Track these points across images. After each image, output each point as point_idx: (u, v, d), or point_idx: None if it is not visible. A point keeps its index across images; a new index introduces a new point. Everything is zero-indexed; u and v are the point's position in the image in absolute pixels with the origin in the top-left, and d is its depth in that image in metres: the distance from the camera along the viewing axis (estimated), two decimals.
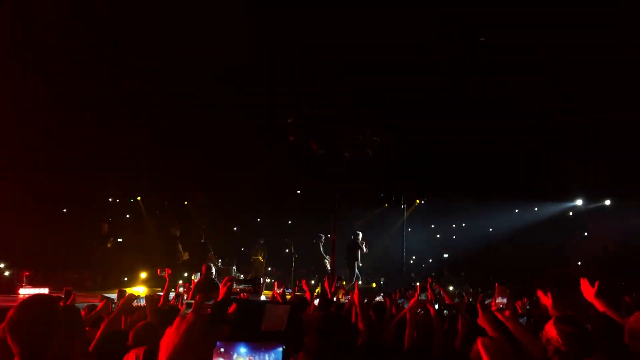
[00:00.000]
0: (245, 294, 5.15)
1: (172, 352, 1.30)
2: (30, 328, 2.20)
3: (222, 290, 4.14)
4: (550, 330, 3.20)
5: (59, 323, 2.36)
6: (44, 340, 2.22)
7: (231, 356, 1.70)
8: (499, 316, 3.51)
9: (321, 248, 15.62)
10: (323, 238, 15.41)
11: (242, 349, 1.72)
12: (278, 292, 7.63)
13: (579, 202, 21.20)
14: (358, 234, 15.38)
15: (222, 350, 1.68)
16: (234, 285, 5.53)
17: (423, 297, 7.22)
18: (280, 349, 1.78)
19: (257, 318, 1.76)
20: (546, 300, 4.31)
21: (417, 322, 4.70)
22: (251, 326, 1.75)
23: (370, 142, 12.89)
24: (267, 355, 1.76)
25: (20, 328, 2.19)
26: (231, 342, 1.71)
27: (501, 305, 3.59)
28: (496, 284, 3.68)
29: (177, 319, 1.34)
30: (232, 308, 1.54)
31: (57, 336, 2.30)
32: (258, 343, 1.75)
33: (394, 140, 14.91)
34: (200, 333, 1.32)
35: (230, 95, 14.29)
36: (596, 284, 4.26)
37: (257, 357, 1.75)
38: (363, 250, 15.18)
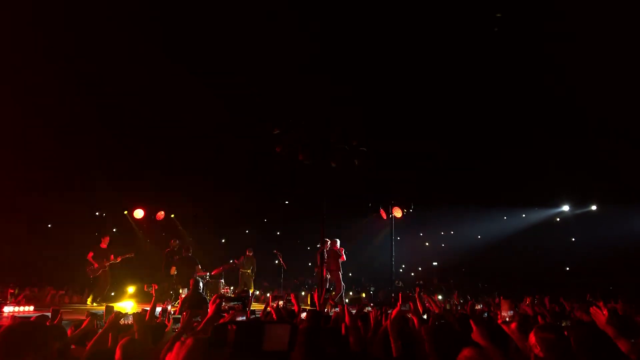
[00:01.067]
0: (233, 311, 5.12)
1: None
2: (20, 346, 2.28)
3: (211, 307, 4.11)
4: (532, 337, 3.31)
5: (46, 343, 2.45)
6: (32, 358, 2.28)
7: None
8: (505, 329, 3.51)
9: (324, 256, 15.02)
10: (329, 243, 14.78)
11: None
12: (273, 305, 7.57)
13: (566, 207, 21.37)
14: (336, 241, 14.99)
15: None
16: (223, 303, 5.49)
17: (405, 307, 7.19)
18: None
19: (257, 339, 1.73)
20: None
21: (401, 332, 4.65)
22: (252, 347, 1.71)
23: (356, 151, 12.89)
24: None
25: (9, 346, 2.27)
26: None
27: (507, 319, 3.60)
28: (501, 298, 3.69)
29: (177, 344, 1.33)
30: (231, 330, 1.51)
31: (45, 354, 2.38)
32: None
33: (381, 149, 14.94)
34: (200, 357, 1.31)
35: (217, 107, 14.26)
36: (605, 311, 4.25)
37: None
38: (343, 258, 14.75)
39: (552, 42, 11.72)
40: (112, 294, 16.67)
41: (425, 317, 7.18)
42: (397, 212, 16.44)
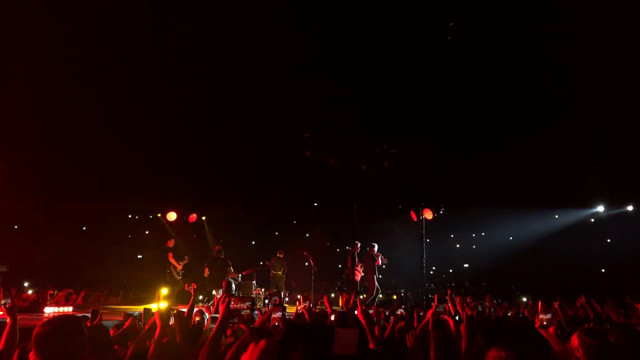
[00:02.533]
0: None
1: None
2: (58, 342, 2.26)
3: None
4: (574, 341, 3.32)
5: (84, 341, 2.45)
6: (69, 356, 2.29)
7: None
8: (543, 333, 3.52)
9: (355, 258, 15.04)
10: (359, 245, 14.84)
11: None
12: (305, 306, 7.63)
13: (600, 208, 20.91)
14: (373, 246, 15.14)
15: None
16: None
17: (440, 309, 7.15)
18: None
19: (328, 343, 1.77)
20: None
21: (439, 337, 4.65)
22: (323, 351, 1.76)
23: (386, 153, 12.87)
24: None
25: (47, 342, 2.25)
26: None
27: (545, 322, 3.59)
28: (540, 301, 3.67)
29: (252, 345, 1.38)
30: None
31: (82, 353, 2.38)
32: None
33: (412, 151, 14.88)
34: (272, 358, 1.35)
35: (246, 112, 14.44)
36: None
37: None
38: (378, 262, 14.87)
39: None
40: (143, 296, 17.05)
41: (457, 319, 7.15)
42: (428, 214, 16.37)
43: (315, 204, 22.81)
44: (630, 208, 20.07)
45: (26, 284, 15.59)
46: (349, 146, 12.47)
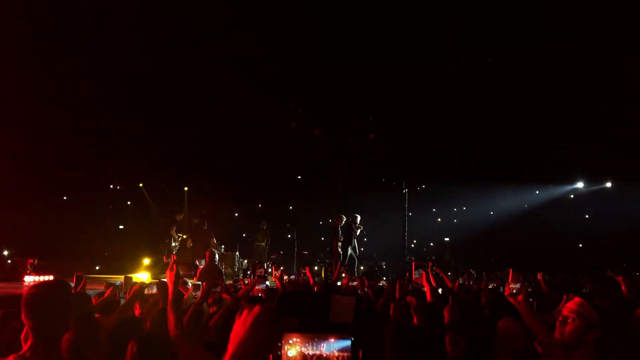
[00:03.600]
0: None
1: (240, 343, 1.32)
2: (47, 304, 2.33)
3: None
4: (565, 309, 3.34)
5: (72, 305, 2.53)
6: (57, 317, 2.36)
7: (301, 347, 1.74)
8: (512, 300, 3.57)
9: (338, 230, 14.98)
10: (344, 218, 14.82)
11: (312, 340, 1.75)
12: (277, 275, 7.70)
13: (580, 184, 21.22)
14: (356, 217, 15.08)
15: (291, 341, 1.73)
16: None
17: (417, 275, 7.26)
18: (350, 341, 1.78)
19: (324, 310, 1.77)
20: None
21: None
22: (319, 318, 1.75)
23: (371, 126, 12.85)
24: (337, 347, 1.78)
25: (37, 303, 2.31)
26: (301, 333, 1.73)
27: (514, 291, 3.64)
28: (510, 270, 3.70)
29: (245, 311, 1.37)
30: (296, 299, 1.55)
31: (70, 316, 2.47)
32: (327, 334, 1.77)
33: (396, 126, 14.86)
34: (267, 324, 1.34)
35: (230, 82, 14.21)
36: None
37: (326, 348, 1.77)
38: (356, 233, 14.74)
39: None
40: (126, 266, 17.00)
41: (440, 291, 7.28)
42: (411, 188, 16.48)
43: (299, 177, 22.79)
44: (608, 184, 20.42)
45: (6, 253, 15.43)
46: (334, 119, 12.43)
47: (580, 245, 22.16)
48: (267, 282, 8.87)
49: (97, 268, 15.94)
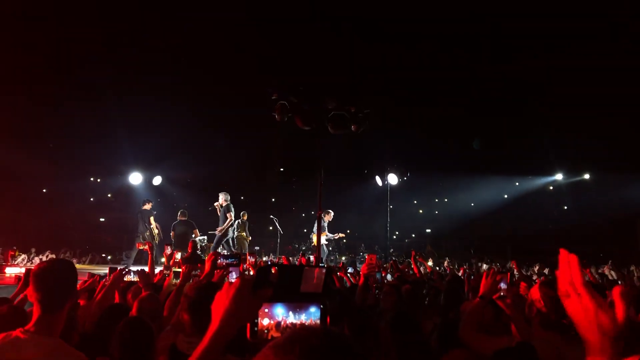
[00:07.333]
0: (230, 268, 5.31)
1: (224, 314, 1.43)
2: (54, 277, 2.43)
3: (208, 264, 4.27)
4: (535, 293, 3.47)
5: (76, 279, 2.64)
6: (62, 290, 2.46)
7: (275, 316, 1.91)
8: (500, 304, 3.46)
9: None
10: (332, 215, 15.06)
11: (285, 309, 1.93)
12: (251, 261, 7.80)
13: (559, 176, 21.54)
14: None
15: (266, 310, 1.89)
16: (220, 259, 5.69)
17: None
18: (319, 309, 1.97)
19: (296, 281, 1.91)
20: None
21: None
22: (291, 288, 1.89)
23: (354, 118, 12.86)
24: (306, 314, 1.96)
25: (45, 275, 2.41)
26: (274, 302, 1.90)
27: (502, 293, 3.60)
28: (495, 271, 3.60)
29: (226, 284, 1.48)
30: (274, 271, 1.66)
31: (73, 291, 2.58)
32: (298, 303, 1.95)
33: (378, 117, 14.90)
34: (248, 295, 1.45)
35: (211, 71, 14.12)
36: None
37: (297, 315, 1.95)
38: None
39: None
40: (109, 257, 16.93)
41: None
42: (393, 179, 16.59)
43: (282, 169, 22.80)
44: (587, 176, 20.76)
45: None
46: (316, 108, 12.44)
47: (558, 237, 22.56)
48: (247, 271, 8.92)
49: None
